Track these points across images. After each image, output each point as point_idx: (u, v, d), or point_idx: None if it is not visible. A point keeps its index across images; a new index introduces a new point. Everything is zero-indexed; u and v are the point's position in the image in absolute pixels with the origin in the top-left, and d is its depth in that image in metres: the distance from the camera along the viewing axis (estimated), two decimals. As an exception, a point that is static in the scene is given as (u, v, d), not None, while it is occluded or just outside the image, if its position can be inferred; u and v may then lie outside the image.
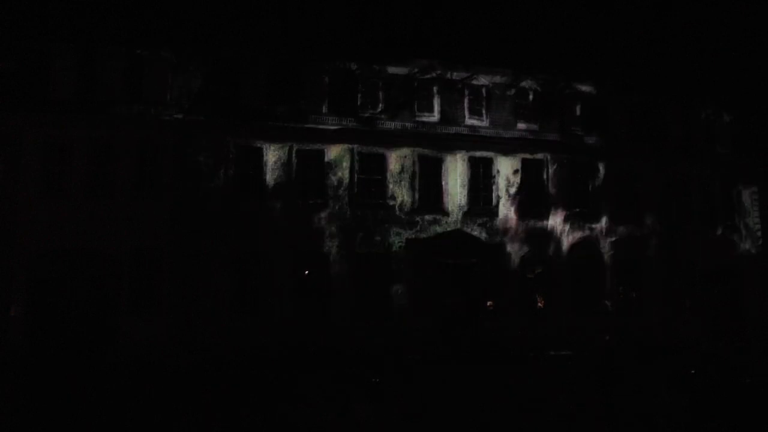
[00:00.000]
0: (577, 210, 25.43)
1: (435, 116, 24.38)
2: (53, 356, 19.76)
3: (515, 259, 24.50)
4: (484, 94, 25.03)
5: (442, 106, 24.50)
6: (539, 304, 24.83)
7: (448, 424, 11.80)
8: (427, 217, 23.74)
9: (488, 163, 24.68)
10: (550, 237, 24.92)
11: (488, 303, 24.17)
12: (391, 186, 23.60)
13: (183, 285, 21.45)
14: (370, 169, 23.58)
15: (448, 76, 24.67)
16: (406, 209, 23.60)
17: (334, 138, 23.15)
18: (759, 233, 28.04)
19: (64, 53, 21.47)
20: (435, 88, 24.50)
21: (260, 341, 21.26)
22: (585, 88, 26.30)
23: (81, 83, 21.48)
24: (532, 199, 25.02)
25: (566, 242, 25.01)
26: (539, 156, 25.21)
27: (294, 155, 22.84)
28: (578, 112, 26.01)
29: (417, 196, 23.76)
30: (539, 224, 24.89)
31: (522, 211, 24.78)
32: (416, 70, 24.37)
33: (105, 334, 20.79)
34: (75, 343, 20.39)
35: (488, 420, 12.12)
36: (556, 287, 24.79)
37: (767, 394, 14.30)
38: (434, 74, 24.53)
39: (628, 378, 16.49)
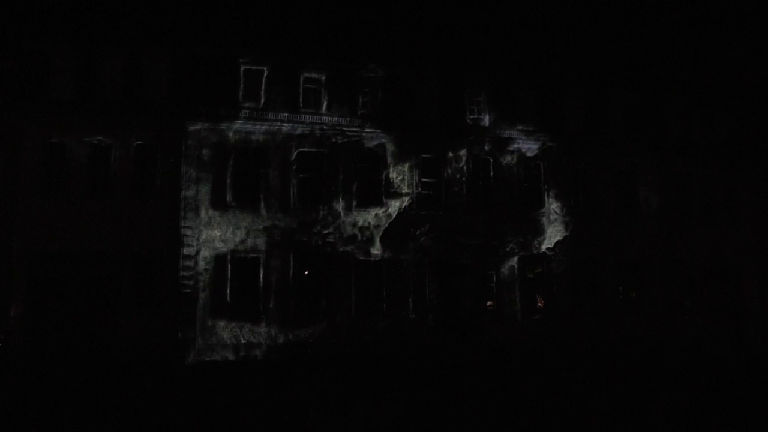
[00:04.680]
0: (577, 209, 25.42)
1: (438, 117, 24.36)
2: (53, 356, 19.75)
3: (515, 258, 24.49)
4: (488, 95, 24.96)
5: (444, 107, 24.50)
6: (539, 304, 24.84)
7: (448, 424, 11.79)
8: (427, 216, 23.70)
9: (486, 161, 24.68)
10: (550, 236, 24.89)
11: (488, 303, 24.19)
12: (390, 186, 23.57)
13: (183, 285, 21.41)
14: (370, 168, 23.56)
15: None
16: (406, 208, 23.56)
17: (333, 137, 23.15)
18: (759, 233, 28.03)
19: (64, 53, 21.45)
20: (436, 90, 24.49)
21: (260, 341, 21.26)
22: (584, 88, 26.29)
23: (81, 83, 21.46)
24: (532, 198, 25.01)
25: (566, 242, 24.98)
26: (538, 154, 25.18)
27: (294, 156, 22.83)
28: (574, 110, 25.97)
29: (417, 195, 23.75)
30: (539, 224, 24.88)
31: (522, 211, 24.77)
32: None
33: (105, 334, 20.78)
34: (75, 344, 20.37)
35: (488, 420, 12.12)
36: (556, 287, 24.79)
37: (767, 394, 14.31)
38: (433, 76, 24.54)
39: (628, 378, 16.49)
